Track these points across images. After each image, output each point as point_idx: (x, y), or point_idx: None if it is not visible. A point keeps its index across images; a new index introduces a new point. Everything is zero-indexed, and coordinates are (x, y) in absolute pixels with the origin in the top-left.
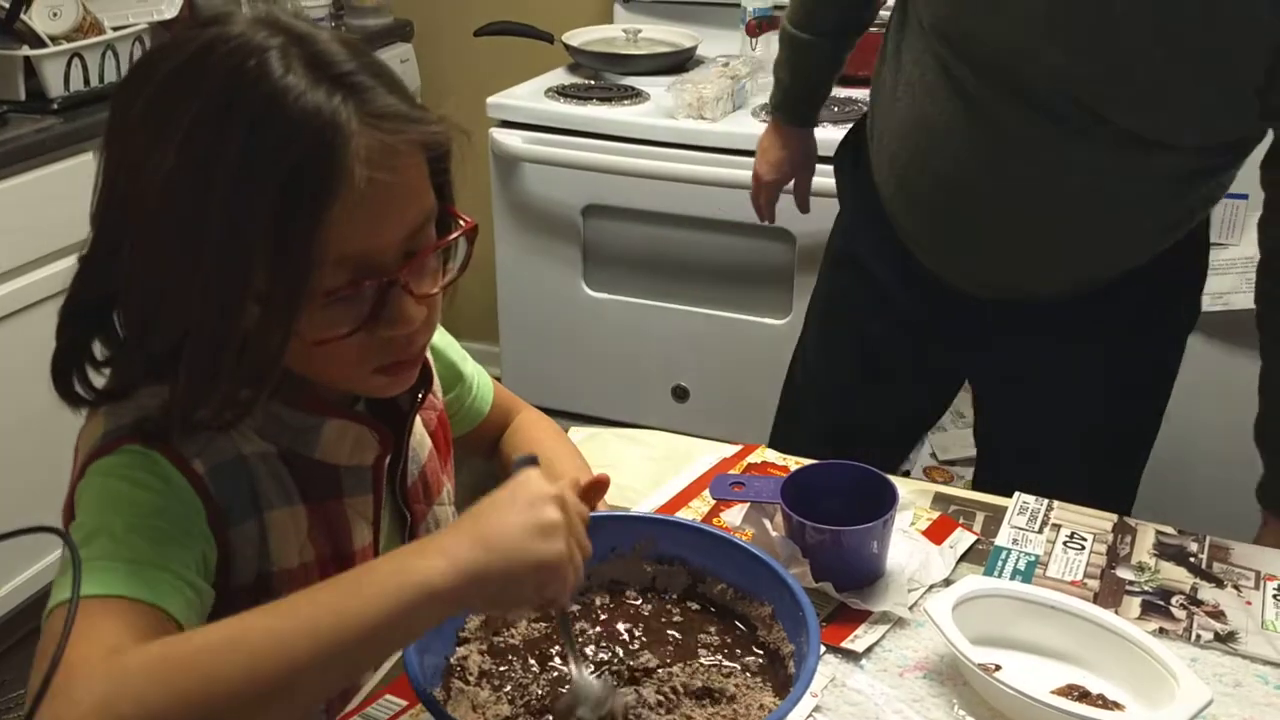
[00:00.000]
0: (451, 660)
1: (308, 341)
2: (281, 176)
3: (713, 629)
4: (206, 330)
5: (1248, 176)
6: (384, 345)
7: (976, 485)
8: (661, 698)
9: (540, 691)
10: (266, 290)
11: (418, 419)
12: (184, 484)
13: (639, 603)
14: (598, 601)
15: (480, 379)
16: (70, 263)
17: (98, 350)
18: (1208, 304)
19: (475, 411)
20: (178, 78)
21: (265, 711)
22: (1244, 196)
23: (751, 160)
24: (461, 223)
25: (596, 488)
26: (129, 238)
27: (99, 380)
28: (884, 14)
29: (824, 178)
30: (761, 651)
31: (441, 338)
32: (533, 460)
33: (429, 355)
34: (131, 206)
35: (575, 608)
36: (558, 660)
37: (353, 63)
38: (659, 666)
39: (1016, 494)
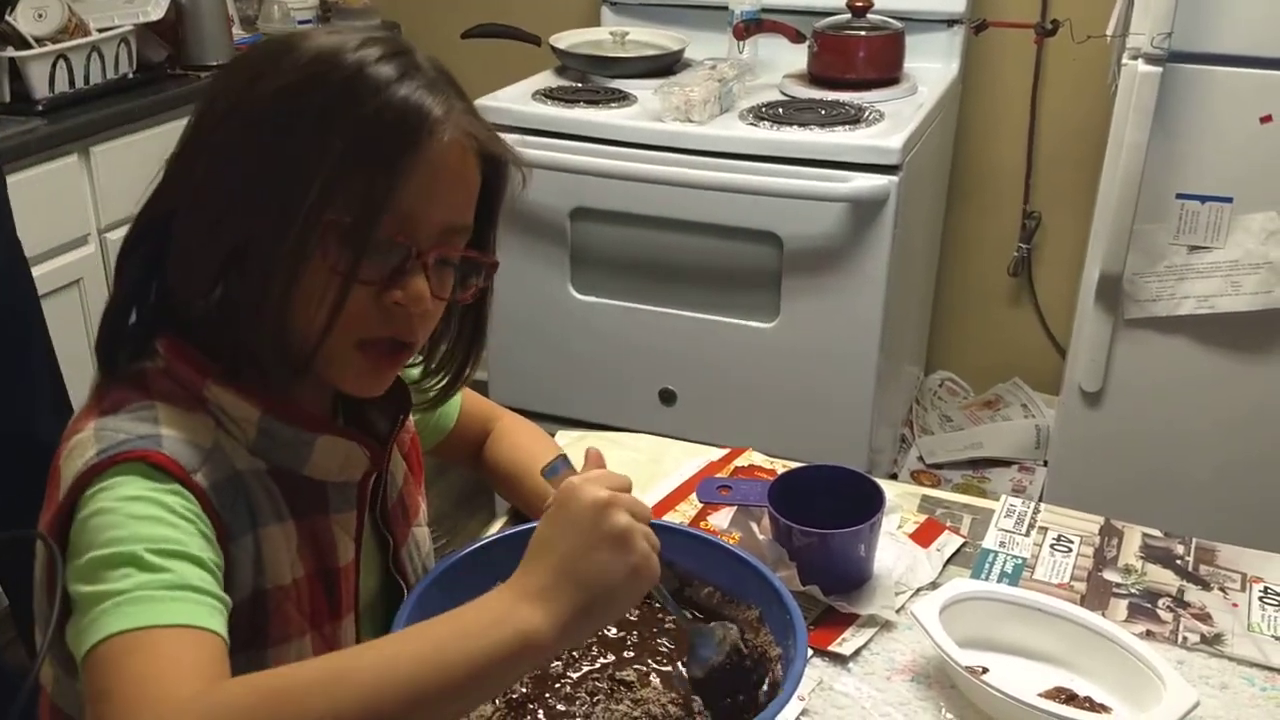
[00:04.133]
0: None
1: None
2: (383, 117)
3: None
4: (267, 244)
5: (1231, 180)
6: (385, 314)
7: None
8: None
9: (523, 689)
10: (340, 213)
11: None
12: (190, 497)
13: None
14: None
15: None
16: (58, 264)
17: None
18: (1193, 307)
19: (441, 426)
20: (288, 49)
21: None
22: (1228, 200)
23: (738, 163)
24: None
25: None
26: (213, 149)
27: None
28: (875, 17)
29: (811, 180)
30: (748, 654)
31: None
32: (563, 462)
33: (401, 376)
34: (223, 127)
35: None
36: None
37: (437, 73)
38: (638, 681)
39: (1004, 497)
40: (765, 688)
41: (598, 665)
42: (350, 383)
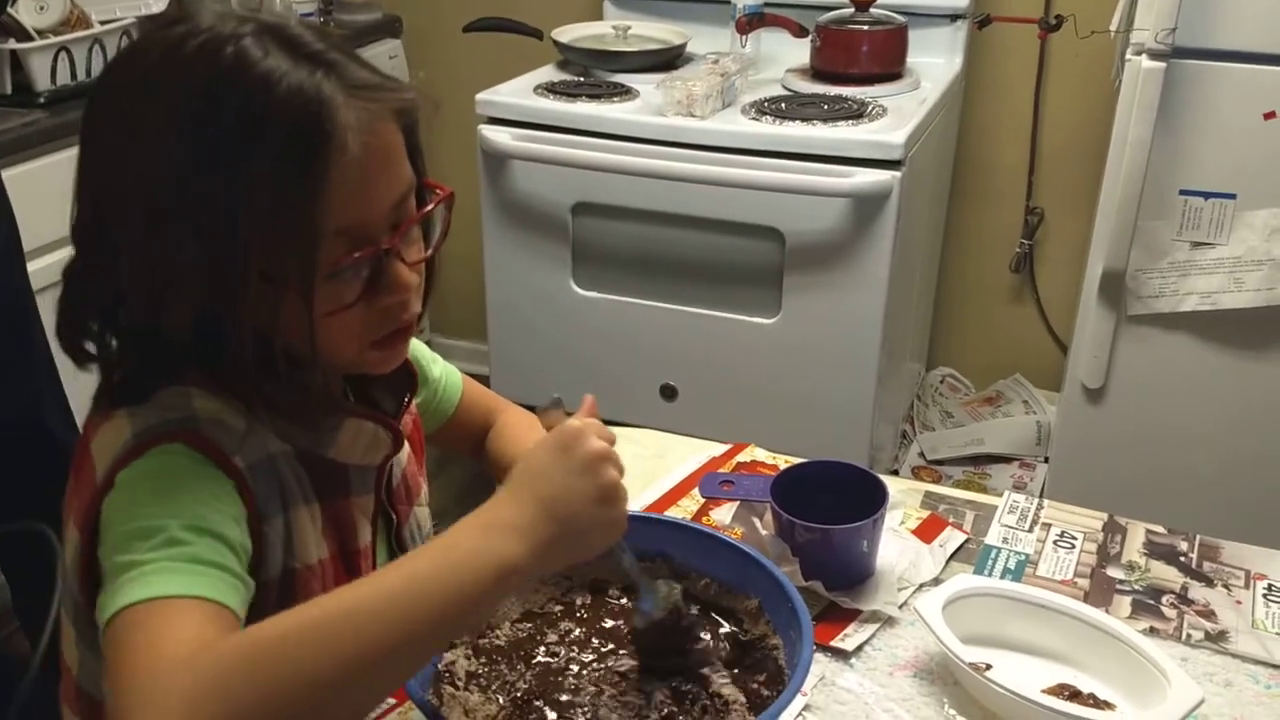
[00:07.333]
0: (440, 666)
1: (316, 316)
2: (278, 153)
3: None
4: (230, 314)
5: (1235, 176)
6: (383, 314)
7: None
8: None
9: (525, 685)
10: (278, 269)
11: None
12: (226, 480)
13: (623, 601)
14: (578, 601)
15: (448, 378)
16: (58, 257)
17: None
18: (1196, 303)
19: (441, 411)
20: (155, 76)
21: (350, 696)
22: (1232, 196)
23: (740, 158)
24: (438, 192)
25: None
26: (126, 236)
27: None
28: (879, 11)
29: (813, 176)
30: (684, 615)
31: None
32: (557, 402)
33: (409, 357)
34: (125, 205)
35: None
36: (542, 656)
37: (322, 42)
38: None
39: (1006, 493)
40: (699, 645)
41: (599, 655)
42: (376, 369)
